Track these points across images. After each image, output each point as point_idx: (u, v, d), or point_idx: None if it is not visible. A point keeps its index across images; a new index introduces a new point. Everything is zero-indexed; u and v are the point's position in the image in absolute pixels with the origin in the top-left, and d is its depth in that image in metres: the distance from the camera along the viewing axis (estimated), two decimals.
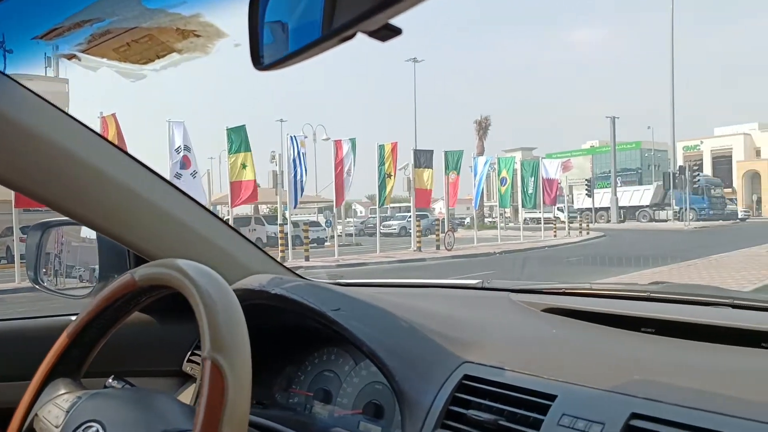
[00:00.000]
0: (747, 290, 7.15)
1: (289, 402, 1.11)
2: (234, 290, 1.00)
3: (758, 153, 54.93)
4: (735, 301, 0.94)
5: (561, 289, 1.16)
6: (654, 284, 1.16)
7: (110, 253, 1.20)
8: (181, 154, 13.13)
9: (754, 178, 54.00)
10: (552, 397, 0.72)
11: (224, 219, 1.22)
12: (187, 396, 1.13)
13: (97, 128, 12.73)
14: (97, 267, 1.27)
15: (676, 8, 35.30)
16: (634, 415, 0.65)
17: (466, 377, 0.80)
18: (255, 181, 14.34)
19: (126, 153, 1.02)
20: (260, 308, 0.97)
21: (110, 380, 0.87)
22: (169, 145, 12.98)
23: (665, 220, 33.29)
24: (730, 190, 54.27)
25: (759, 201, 52.29)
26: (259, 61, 0.58)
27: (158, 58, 0.84)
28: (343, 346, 1.05)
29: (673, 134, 34.50)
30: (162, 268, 0.72)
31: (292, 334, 1.11)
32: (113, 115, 12.82)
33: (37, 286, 1.35)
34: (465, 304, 1.18)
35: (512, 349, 0.87)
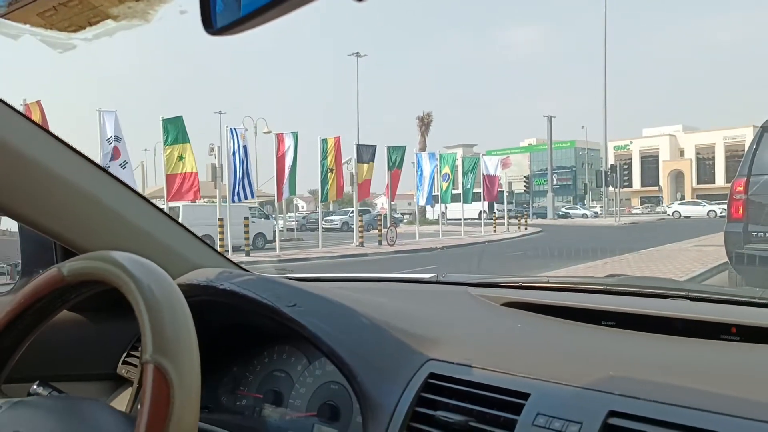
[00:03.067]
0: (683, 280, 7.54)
1: (236, 405, 1.03)
2: (180, 285, 0.92)
3: (682, 153, 58.28)
4: (691, 293, 0.95)
5: (518, 282, 1.14)
6: (610, 277, 1.16)
7: (34, 245, 1.08)
8: (112, 144, 12.53)
9: (678, 176, 57.25)
10: (525, 396, 0.68)
11: (169, 214, 1.12)
12: (122, 402, 1.03)
13: None
14: (18, 261, 1.14)
15: (609, 12, 36.87)
16: (613, 413, 0.62)
17: (432, 376, 0.75)
18: (195, 174, 13.89)
19: (50, 133, 0.91)
20: (203, 305, 0.89)
21: (35, 386, 0.78)
22: (100, 135, 12.36)
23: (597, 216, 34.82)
24: (656, 188, 57.39)
25: (682, 198, 55.48)
26: (210, 24, 0.51)
27: (90, 25, 0.74)
28: (296, 344, 0.99)
29: (605, 134, 36.07)
30: (95, 261, 0.64)
31: (239, 332, 1.04)
32: (38, 102, 12.07)
33: None
34: (423, 299, 1.14)
35: (478, 345, 0.84)
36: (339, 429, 0.88)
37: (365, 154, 17.20)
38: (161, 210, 1.11)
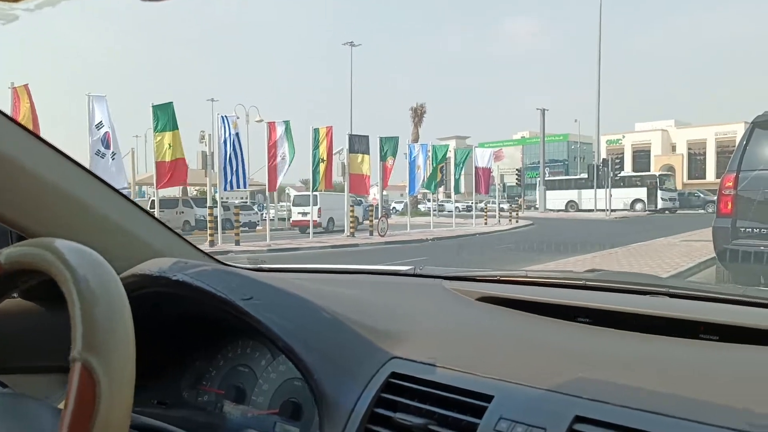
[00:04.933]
0: (665, 276, 7.57)
1: (198, 401, 0.99)
2: (129, 276, 0.87)
3: (674, 148, 58.54)
4: (671, 290, 0.91)
5: (496, 276, 1.11)
6: (590, 272, 1.13)
7: None
8: (102, 130, 12.38)
9: (669, 171, 57.52)
10: (488, 398, 0.64)
11: (132, 199, 1.07)
12: None
13: (8, 100, 11.81)
14: None
15: (604, 6, 36.83)
16: (579, 419, 0.59)
17: (394, 375, 0.72)
18: (184, 160, 13.76)
19: (2, 113, 0.85)
20: (162, 296, 0.85)
21: None
22: (89, 121, 12.20)
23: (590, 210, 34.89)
24: None
25: None
26: None
27: None
28: (260, 339, 0.95)
29: (597, 128, 36.08)
30: (33, 248, 0.59)
31: (204, 325, 0.99)
32: (26, 86, 11.88)
33: None
34: (395, 291, 1.10)
35: (445, 342, 0.80)
36: (301, 428, 0.84)
37: (357, 144, 17.13)
38: (126, 197, 1.06)
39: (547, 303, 0.89)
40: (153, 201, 16.64)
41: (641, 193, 35.96)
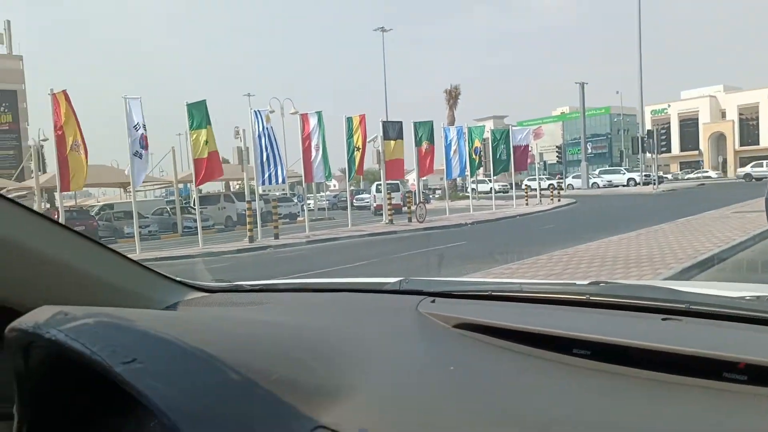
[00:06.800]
0: (716, 252, 7.17)
1: None
2: (10, 330, 0.75)
3: (723, 115, 55.91)
4: (693, 307, 0.76)
5: (486, 291, 0.97)
6: (594, 285, 0.98)
7: None
8: (140, 132, 12.63)
9: (719, 139, 55.02)
10: None
11: (86, 235, 0.97)
12: None
13: (48, 106, 12.11)
14: None
15: None
16: None
17: None
18: (217, 152, 13.87)
19: None
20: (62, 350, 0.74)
21: None
22: (127, 122, 12.47)
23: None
24: (696, 152, 55.36)
25: (724, 162, 53.39)
26: None
27: None
28: None
29: (641, 98, 34.69)
30: None
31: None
32: (64, 92, 12.20)
33: None
34: (364, 320, 0.96)
35: (395, 399, 0.66)
36: None
37: (391, 130, 16.97)
38: (81, 235, 0.96)
39: (538, 333, 0.75)
40: (192, 199, 16.95)
41: None
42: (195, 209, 16.42)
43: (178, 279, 1.05)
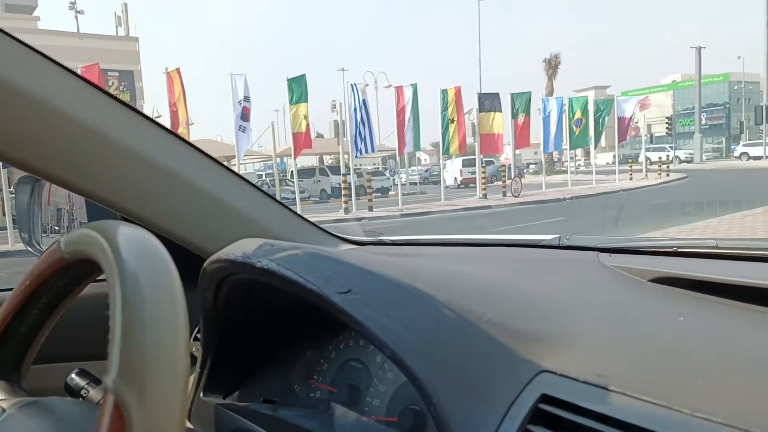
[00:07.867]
0: None
1: (309, 397, 0.90)
2: (213, 262, 0.77)
3: None
4: None
5: (672, 247, 0.83)
6: None
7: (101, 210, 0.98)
8: (242, 105, 13.18)
9: None
10: None
11: (238, 173, 0.99)
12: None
13: (163, 84, 12.93)
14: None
15: None
16: None
17: (545, 399, 0.52)
18: (308, 126, 14.19)
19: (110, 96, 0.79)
20: (256, 283, 0.75)
21: (73, 375, 0.66)
22: (233, 98, 13.04)
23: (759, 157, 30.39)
24: None
25: None
26: None
27: None
28: None
29: (766, 63, 31.35)
30: (88, 233, 0.47)
31: (308, 312, 0.88)
32: (177, 69, 12.95)
33: (31, 249, 1.14)
34: (538, 271, 0.88)
35: (616, 348, 0.59)
36: None
37: (488, 102, 16.52)
38: (232, 171, 0.97)
39: (751, 286, 0.64)
40: (292, 172, 17.54)
41: None
42: (293, 182, 16.97)
43: (330, 231, 1.05)
